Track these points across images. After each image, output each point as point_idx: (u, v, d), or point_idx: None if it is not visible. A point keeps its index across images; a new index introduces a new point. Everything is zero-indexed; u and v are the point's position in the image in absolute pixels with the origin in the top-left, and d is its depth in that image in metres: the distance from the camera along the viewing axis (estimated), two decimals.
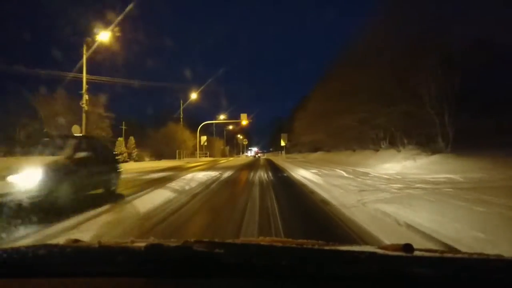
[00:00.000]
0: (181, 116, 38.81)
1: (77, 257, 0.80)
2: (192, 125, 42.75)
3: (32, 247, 0.83)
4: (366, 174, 9.67)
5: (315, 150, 29.34)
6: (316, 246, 0.95)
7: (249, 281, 0.70)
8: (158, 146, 31.64)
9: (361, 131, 17.91)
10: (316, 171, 11.53)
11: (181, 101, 38.50)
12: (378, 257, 0.79)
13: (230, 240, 0.90)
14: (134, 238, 1.09)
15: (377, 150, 15.78)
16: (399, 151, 12.95)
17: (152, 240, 0.94)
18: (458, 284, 0.67)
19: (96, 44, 16.87)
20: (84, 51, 17.48)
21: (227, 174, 12.10)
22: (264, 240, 1.08)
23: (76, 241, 1.03)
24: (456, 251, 1.28)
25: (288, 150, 50.06)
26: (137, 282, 0.71)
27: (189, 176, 10.84)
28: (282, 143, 46.91)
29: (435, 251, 1.04)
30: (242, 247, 0.83)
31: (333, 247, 0.98)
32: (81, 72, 17.34)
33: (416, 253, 0.82)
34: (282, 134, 39.02)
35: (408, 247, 0.81)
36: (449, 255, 0.91)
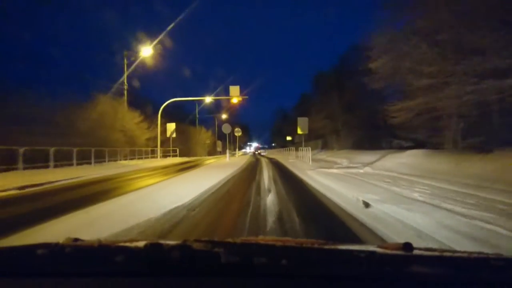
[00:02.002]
0: (126, 88, 22.60)
1: (77, 257, 0.79)
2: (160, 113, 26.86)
3: (31, 246, 0.81)
4: None
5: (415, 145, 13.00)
6: (316, 246, 0.93)
7: (248, 280, 0.70)
8: (54, 138, 15.43)
9: None
10: None
11: (125, 61, 22.31)
12: (378, 256, 0.77)
13: (229, 239, 0.86)
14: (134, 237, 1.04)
15: None
16: None
17: (151, 239, 0.96)
18: (458, 282, 0.66)
19: None
20: None
21: None
22: (264, 239, 1.07)
23: (76, 240, 0.95)
24: (456, 250, 1.13)
25: (295, 145, 33.33)
26: (137, 281, 0.70)
27: None
28: (296, 134, 32.61)
29: (434, 250, 0.92)
30: (241, 246, 0.81)
31: (332, 247, 0.95)
32: None
33: (416, 252, 0.82)
34: (299, 119, 23.01)
35: (407, 246, 0.81)
36: (449, 254, 0.85)
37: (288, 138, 63.16)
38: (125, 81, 22.18)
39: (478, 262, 0.75)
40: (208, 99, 37.69)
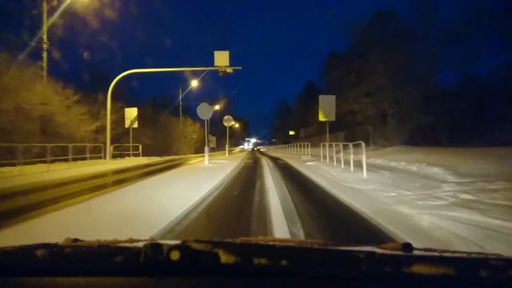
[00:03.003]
0: (45, 48, 14.38)
1: (76, 257, 0.78)
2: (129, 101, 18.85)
3: (30, 246, 0.80)
4: None
5: None
6: (316, 246, 0.94)
7: (248, 280, 0.70)
8: None
9: None
10: None
11: (44, 3, 14.09)
12: (377, 257, 0.76)
13: (229, 239, 0.84)
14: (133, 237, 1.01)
15: None
16: None
17: (150, 239, 0.96)
18: (457, 283, 0.66)
19: None
20: None
21: None
22: (264, 240, 1.06)
23: (75, 240, 0.94)
24: (456, 250, 1.12)
25: (299, 140, 24.85)
26: (136, 281, 0.71)
27: None
28: (301, 128, 26.11)
29: (434, 250, 0.92)
30: (241, 246, 0.79)
31: (332, 247, 0.95)
32: None
33: (415, 252, 0.82)
34: (321, 98, 15.05)
35: (407, 247, 0.81)
36: (448, 254, 0.84)
37: (291, 132, 55.30)
38: (45, 36, 13.92)
39: (478, 262, 0.75)
40: (194, 83, 29.49)
